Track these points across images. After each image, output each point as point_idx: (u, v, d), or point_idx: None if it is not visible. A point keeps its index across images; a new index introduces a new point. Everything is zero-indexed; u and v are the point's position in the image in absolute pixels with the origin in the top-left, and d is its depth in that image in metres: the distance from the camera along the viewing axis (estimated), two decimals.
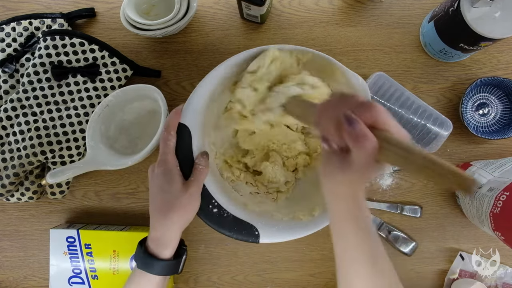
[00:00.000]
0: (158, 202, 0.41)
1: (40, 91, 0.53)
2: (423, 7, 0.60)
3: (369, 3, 0.60)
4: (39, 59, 0.53)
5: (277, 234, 0.43)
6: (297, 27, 0.60)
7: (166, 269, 0.41)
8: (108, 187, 0.59)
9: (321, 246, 0.59)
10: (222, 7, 0.60)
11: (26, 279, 0.59)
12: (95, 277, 0.54)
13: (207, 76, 0.45)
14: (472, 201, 0.52)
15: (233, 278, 0.59)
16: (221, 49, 0.60)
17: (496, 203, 0.46)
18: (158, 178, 0.41)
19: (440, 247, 0.58)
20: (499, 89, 0.58)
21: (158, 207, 0.41)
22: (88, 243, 0.54)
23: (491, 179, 0.50)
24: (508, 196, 0.45)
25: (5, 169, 0.52)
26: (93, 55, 0.55)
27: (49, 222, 0.59)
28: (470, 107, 0.59)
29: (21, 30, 0.56)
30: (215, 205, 0.44)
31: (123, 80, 0.57)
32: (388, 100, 0.55)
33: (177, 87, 0.59)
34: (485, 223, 0.49)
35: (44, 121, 0.53)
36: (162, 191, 0.40)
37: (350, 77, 0.46)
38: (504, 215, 0.45)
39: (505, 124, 0.58)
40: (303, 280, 0.59)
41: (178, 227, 0.41)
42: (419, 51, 0.60)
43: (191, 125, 0.44)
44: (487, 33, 0.47)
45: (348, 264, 0.35)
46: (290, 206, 0.50)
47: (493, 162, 0.54)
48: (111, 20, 0.60)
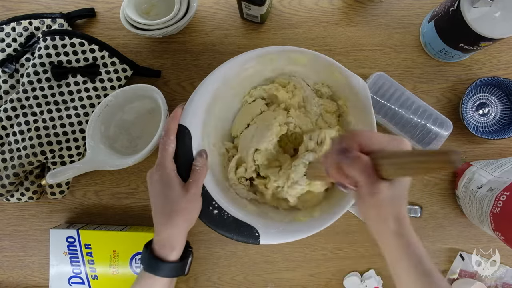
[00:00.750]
0: (160, 206, 0.41)
1: (40, 91, 0.53)
2: (423, 7, 0.60)
3: (369, 3, 0.60)
4: (39, 59, 0.53)
5: (278, 235, 0.43)
6: (297, 27, 0.60)
7: (173, 271, 0.41)
8: (108, 187, 0.59)
9: (321, 246, 0.59)
10: (222, 7, 0.60)
11: (26, 279, 0.59)
12: (95, 277, 0.54)
13: (207, 76, 0.45)
14: (472, 201, 0.52)
15: (233, 278, 0.59)
16: (221, 49, 0.60)
17: (496, 203, 0.46)
18: (157, 183, 0.41)
19: (440, 247, 0.58)
20: (499, 89, 0.58)
21: (160, 211, 0.41)
22: (88, 243, 0.54)
23: (491, 179, 0.50)
24: (508, 196, 0.45)
25: (5, 169, 0.52)
26: (93, 55, 0.54)
27: (49, 222, 0.59)
28: (470, 107, 0.59)
29: (21, 30, 0.56)
30: (215, 206, 0.44)
31: (123, 80, 0.57)
32: (388, 100, 0.55)
33: (177, 87, 0.59)
34: (485, 223, 0.49)
35: (44, 121, 0.53)
36: (163, 195, 0.41)
37: (350, 78, 0.46)
38: (504, 215, 0.45)
39: (505, 124, 0.58)
40: (303, 280, 0.59)
41: (183, 229, 0.41)
42: (419, 51, 0.60)
43: (192, 126, 0.44)
44: (487, 33, 0.47)
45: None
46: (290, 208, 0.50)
47: (493, 162, 0.54)
48: (111, 20, 0.60)
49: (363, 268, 0.58)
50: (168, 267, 0.41)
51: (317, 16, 0.60)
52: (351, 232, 0.58)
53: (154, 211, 0.42)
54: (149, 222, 0.57)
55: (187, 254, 0.43)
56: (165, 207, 0.40)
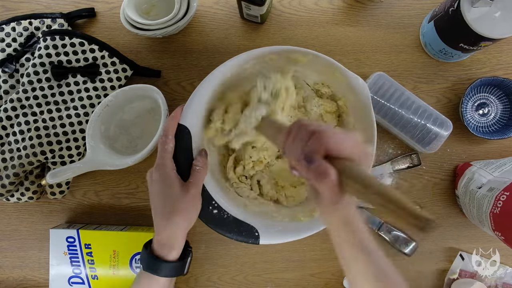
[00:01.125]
0: (160, 207, 0.41)
1: (40, 91, 0.53)
2: (423, 7, 0.60)
3: (369, 3, 0.60)
4: (39, 59, 0.53)
5: (277, 235, 0.43)
6: (297, 27, 0.60)
7: (172, 271, 0.41)
8: (108, 187, 0.59)
9: (321, 246, 0.58)
10: (222, 7, 0.60)
11: (26, 279, 0.59)
12: (95, 277, 0.54)
13: (207, 76, 0.45)
14: (472, 201, 0.52)
15: (233, 278, 0.59)
16: (221, 49, 0.60)
17: (496, 203, 0.46)
18: (157, 183, 0.41)
19: (440, 247, 0.58)
20: (499, 89, 0.58)
21: (160, 211, 0.41)
22: (88, 243, 0.54)
23: (491, 179, 0.50)
24: (508, 196, 0.45)
25: (5, 169, 0.52)
26: (93, 55, 0.54)
27: (49, 222, 0.59)
28: (470, 107, 0.59)
29: (21, 30, 0.56)
30: (215, 206, 0.44)
31: (123, 80, 0.57)
32: (388, 100, 0.55)
33: (177, 87, 0.59)
34: (485, 223, 0.49)
35: (44, 121, 0.53)
36: (163, 195, 0.41)
37: (350, 78, 0.46)
38: (504, 215, 0.45)
39: (505, 124, 0.58)
40: (303, 280, 0.59)
41: (183, 229, 0.41)
42: (419, 51, 0.60)
43: (191, 126, 0.44)
44: (487, 33, 0.47)
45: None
46: (290, 207, 0.50)
47: (493, 162, 0.54)
48: (111, 20, 0.60)
49: None
50: (167, 267, 0.41)
51: (317, 16, 0.60)
52: None
53: (154, 211, 0.42)
54: (149, 222, 0.57)
55: (186, 254, 0.43)
56: (165, 206, 0.40)
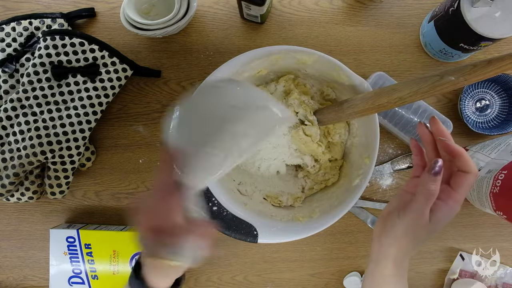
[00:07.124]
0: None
1: (40, 91, 0.53)
2: (423, 7, 0.60)
3: (369, 3, 0.60)
4: (39, 59, 0.53)
5: (276, 234, 0.44)
6: (297, 27, 0.60)
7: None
8: (108, 187, 0.59)
9: (321, 246, 0.59)
10: (222, 7, 0.60)
11: (26, 279, 0.59)
12: (95, 277, 0.54)
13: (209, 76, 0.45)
14: (472, 185, 0.52)
15: (233, 278, 0.59)
16: (221, 49, 0.60)
17: (495, 183, 0.46)
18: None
19: (440, 247, 0.58)
20: (497, 84, 0.58)
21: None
22: (88, 243, 0.54)
23: (489, 161, 0.50)
24: (506, 174, 0.45)
25: (5, 169, 0.52)
26: (93, 55, 0.54)
27: (49, 222, 0.59)
28: (469, 103, 0.59)
29: (21, 30, 0.56)
30: (215, 203, 0.44)
31: (123, 80, 0.57)
32: None
33: (177, 87, 0.59)
34: (486, 205, 0.49)
35: (44, 121, 0.53)
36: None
37: (354, 79, 0.46)
38: (503, 193, 0.45)
39: (504, 119, 0.58)
40: (303, 280, 0.59)
41: None
42: (419, 51, 0.60)
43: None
44: (487, 33, 0.47)
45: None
46: (290, 208, 0.50)
47: (488, 143, 0.54)
48: (111, 20, 0.60)
49: (363, 268, 0.58)
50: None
51: (317, 16, 0.60)
52: (351, 232, 0.58)
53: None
54: None
55: (179, 280, 0.39)
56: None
